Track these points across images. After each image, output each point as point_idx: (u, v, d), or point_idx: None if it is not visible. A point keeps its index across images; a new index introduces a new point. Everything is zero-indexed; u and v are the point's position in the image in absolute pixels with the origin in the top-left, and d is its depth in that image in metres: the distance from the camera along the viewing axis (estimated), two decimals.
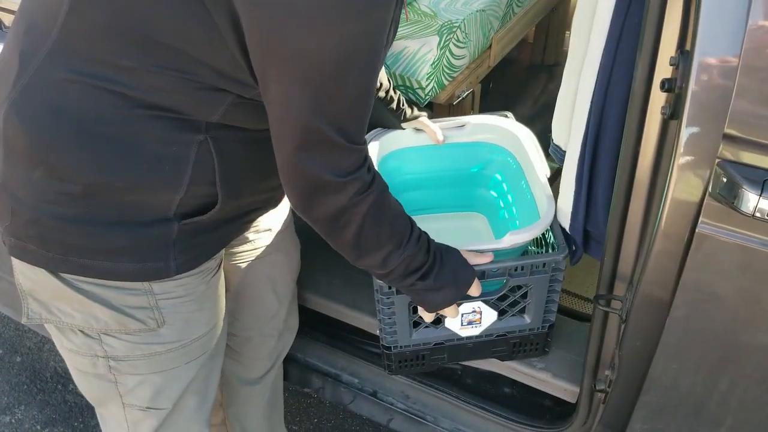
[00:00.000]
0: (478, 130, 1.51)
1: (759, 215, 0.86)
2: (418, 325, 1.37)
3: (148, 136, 0.92)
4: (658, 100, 0.94)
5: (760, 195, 0.85)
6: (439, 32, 1.84)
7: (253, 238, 1.30)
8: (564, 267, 1.29)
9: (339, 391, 1.68)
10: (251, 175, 1.05)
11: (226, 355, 1.40)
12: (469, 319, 1.33)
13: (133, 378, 1.10)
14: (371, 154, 1.41)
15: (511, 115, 1.55)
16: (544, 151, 1.41)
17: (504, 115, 1.54)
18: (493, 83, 2.61)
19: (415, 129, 1.51)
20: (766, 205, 0.85)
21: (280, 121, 0.90)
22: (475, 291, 1.18)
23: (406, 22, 1.90)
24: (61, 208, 0.94)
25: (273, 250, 1.34)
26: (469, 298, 1.23)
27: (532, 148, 1.42)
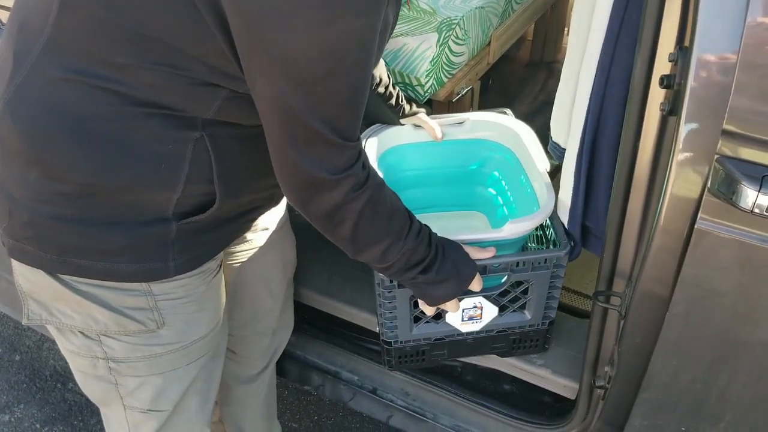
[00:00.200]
0: (477, 127, 1.51)
1: (758, 211, 0.87)
2: (418, 320, 1.37)
3: (144, 135, 0.91)
4: (657, 96, 0.94)
5: (759, 191, 0.85)
6: (438, 29, 1.84)
7: (251, 238, 1.29)
8: (565, 263, 1.29)
9: (339, 389, 1.68)
10: (249, 172, 1.03)
11: None
12: (470, 314, 1.33)
13: (134, 380, 1.10)
14: (370, 150, 1.42)
15: (510, 112, 1.55)
16: (543, 148, 1.41)
17: (503, 112, 1.54)
18: (492, 80, 2.61)
19: (414, 125, 1.50)
20: (764, 200, 0.85)
21: (271, 119, 0.88)
22: (477, 286, 1.18)
23: (405, 20, 1.90)
24: (57, 209, 0.94)
25: (268, 248, 1.34)
26: (470, 293, 1.23)
27: (532, 143, 1.41)
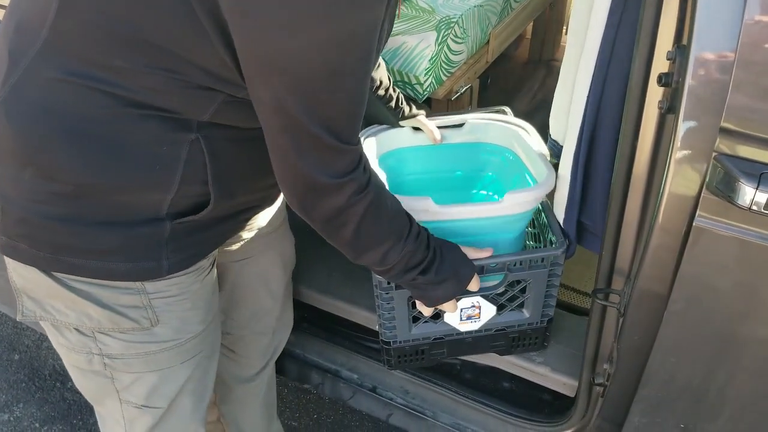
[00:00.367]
0: (477, 130, 1.51)
1: (755, 208, 0.87)
2: (417, 320, 1.37)
3: (139, 136, 0.91)
4: (655, 94, 0.95)
5: (757, 188, 0.85)
6: (436, 28, 1.84)
7: (247, 237, 1.29)
8: (562, 262, 1.30)
9: (338, 387, 1.68)
10: (244, 174, 1.03)
11: (220, 353, 1.40)
12: (468, 313, 1.33)
13: (129, 375, 1.10)
14: (368, 152, 1.42)
15: (509, 111, 1.55)
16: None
17: (502, 110, 1.54)
18: (491, 79, 2.62)
19: (413, 128, 1.50)
20: (762, 198, 0.86)
21: (272, 125, 0.89)
22: (474, 286, 1.19)
23: (404, 18, 1.90)
24: (51, 208, 0.93)
25: (266, 247, 1.34)
26: (468, 293, 1.23)
27: (534, 140, 1.41)
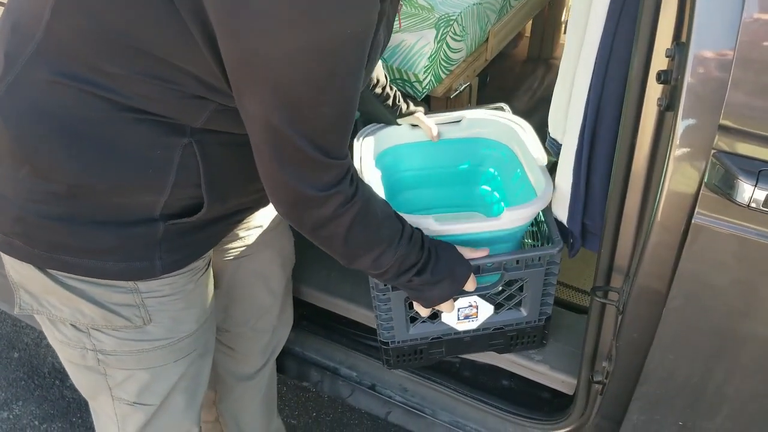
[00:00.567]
0: (474, 125, 1.51)
1: (754, 206, 0.87)
2: (415, 320, 1.37)
3: (132, 139, 0.91)
4: (655, 91, 0.95)
5: (756, 186, 0.85)
6: (436, 25, 1.84)
7: (244, 235, 1.29)
8: (559, 260, 1.29)
9: (337, 385, 1.68)
10: (237, 177, 1.04)
11: (220, 351, 1.40)
12: (466, 313, 1.33)
13: (122, 372, 1.11)
14: (367, 150, 1.42)
15: (507, 107, 1.54)
16: (542, 144, 1.40)
17: (500, 108, 1.54)
18: (490, 76, 2.61)
19: (411, 125, 1.50)
20: (761, 195, 0.86)
21: (258, 137, 0.89)
22: (471, 285, 1.19)
23: (404, 16, 1.90)
24: (46, 207, 0.94)
25: (264, 246, 1.34)
26: (465, 293, 1.23)
27: (529, 137, 1.41)
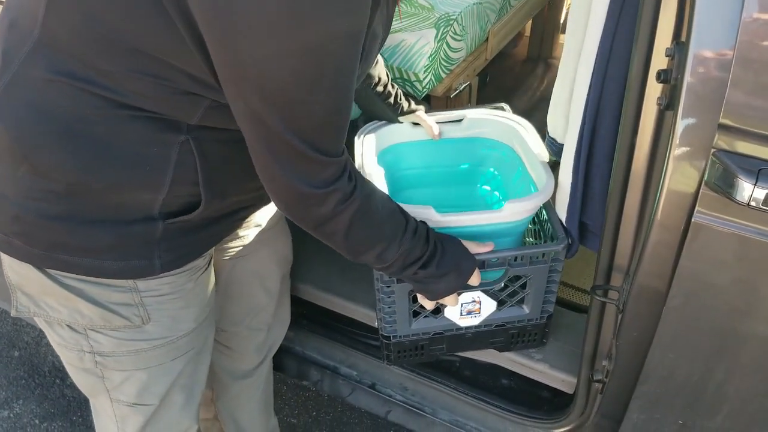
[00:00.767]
0: (475, 125, 1.51)
1: (754, 204, 0.87)
2: (417, 314, 1.37)
3: (129, 137, 0.91)
4: (654, 91, 0.95)
5: (755, 184, 0.86)
6: (436, 25, 1.84)
7: (242, 234, 1.29)
8: (563, 258, 1.30)
9: (337, 384, 1.69)
10: (235, 174, 1.03)
11: (216, 349, 1.40)
12: (469, 308, 1.33)
13: (120, 374, 1.11)
14: (368, 147, 1.42)
15: (507, 107, 1.55)
16: (542, 142, 1.41)
17: (500, 107, 1.54)
18: (490, 76, 2.62)
19: (413, 123, 1.50)
20: (760, 194, 0.86)
21: (251, 136, 0.88)
22: (475, 280, 1.19)
23: (404, 15, 1.90)
24: (44, 206, 0.94)
25: (262, 245, 1.34)
26: (469, 288, 1.23)
27: (530, 136, 1.41)
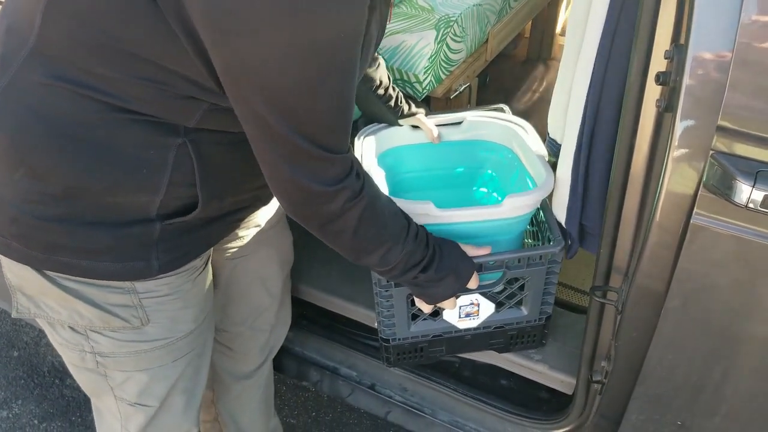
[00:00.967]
0: (474, 127, 1.51)
1: (752, 206, 0.87)
2: (416, 317, 1.37)
3: (126, 139, 0.91)
4: (653, 93, 0.95)
5: (753, 186, 0.86)
6: (436, 26, 1.85)
7: (242, 234, 1.30)
8: (560, 259, 1.30)
9: (337, 384, 1.69)
10: (233, 176, 1.04)
11: (217, 350, 1.40)
12: (467, 311, 1.34)
13: (121, 374, 1.11)
14: (367, 150, 1.42)
15: (507, 108, 1.55)
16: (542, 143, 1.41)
17: (500, 109, 1.54)
18: (490, 77, 2.62)
19: (412, 126, 1.50)
20: (759, 196, 0.86)
21: (256, 138, 0.88)
22: (473, 283, 1.19)
23: (404, 17, 1.91)
24: (42, 208, 0.94)
25: (262, 245, 1.34)
26: (467, 291, 1.23)
27: (531, 137, 1.41)
